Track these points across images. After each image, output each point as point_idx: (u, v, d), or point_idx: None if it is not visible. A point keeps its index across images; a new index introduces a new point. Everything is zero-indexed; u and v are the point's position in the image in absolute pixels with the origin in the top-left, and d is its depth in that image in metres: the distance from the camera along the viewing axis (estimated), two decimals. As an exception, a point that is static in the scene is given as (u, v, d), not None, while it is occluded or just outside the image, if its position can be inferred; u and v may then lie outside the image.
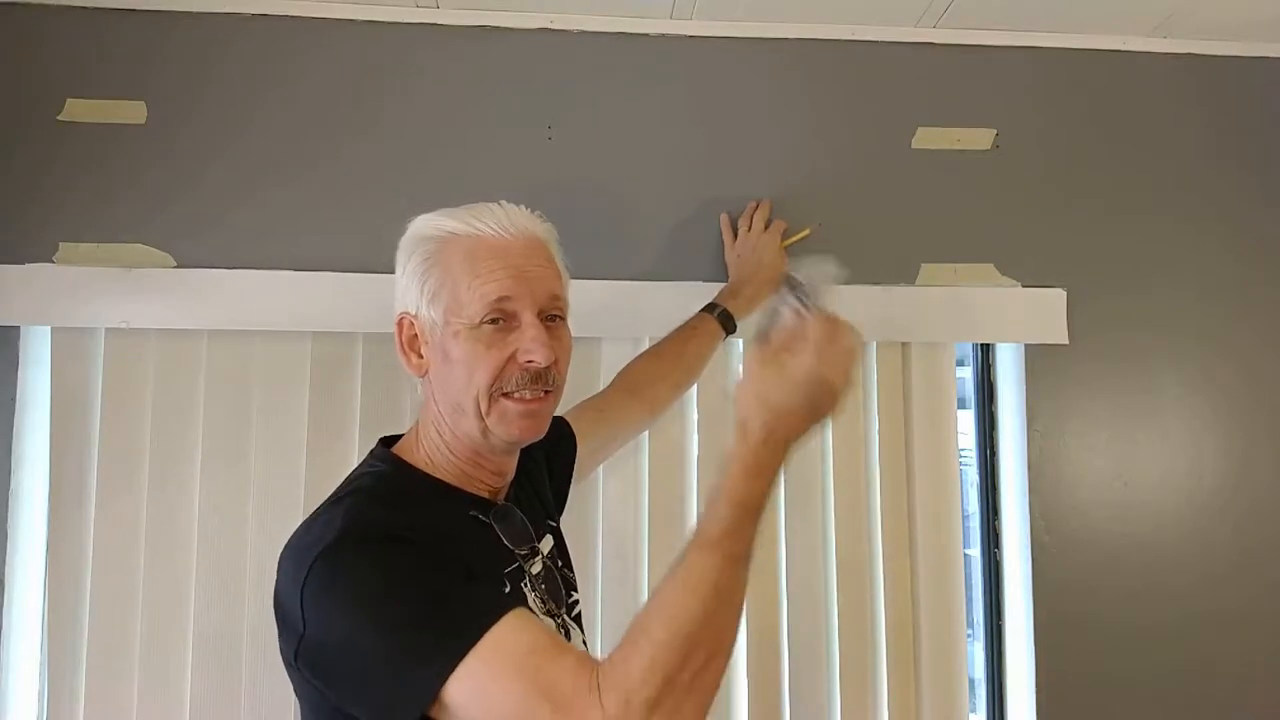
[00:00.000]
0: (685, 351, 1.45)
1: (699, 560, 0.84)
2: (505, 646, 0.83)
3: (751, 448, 0.86)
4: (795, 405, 0.85)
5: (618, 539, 1.56)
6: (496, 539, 1.04)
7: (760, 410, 0.86)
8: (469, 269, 0.99)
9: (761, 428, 0.85)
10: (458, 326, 0.98)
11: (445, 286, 0.99)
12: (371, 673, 0.85)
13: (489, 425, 1.00)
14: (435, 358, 1.01)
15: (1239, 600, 1.63)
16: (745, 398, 0.87)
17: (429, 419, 1.05)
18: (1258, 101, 1.72)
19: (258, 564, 1.46)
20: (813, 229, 1.61)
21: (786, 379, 0.85)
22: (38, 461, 1.49)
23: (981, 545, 1.72)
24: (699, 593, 0.82)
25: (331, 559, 0.88)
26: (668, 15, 1.60)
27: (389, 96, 1.57)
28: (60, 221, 1.50)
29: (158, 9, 1.53)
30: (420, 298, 1.00)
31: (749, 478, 0.86)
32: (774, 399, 0.85)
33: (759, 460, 0.86)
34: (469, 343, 0.98)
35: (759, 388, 0.86)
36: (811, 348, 0.85)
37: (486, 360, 0.98)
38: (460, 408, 1.00)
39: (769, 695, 1.55)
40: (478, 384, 0.98)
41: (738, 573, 0.85)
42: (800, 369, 0.85)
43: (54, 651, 1.44)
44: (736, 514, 0.85)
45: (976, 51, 1.67)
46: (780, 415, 0.85)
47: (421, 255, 1.01)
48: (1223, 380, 1.67)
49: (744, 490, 0.86)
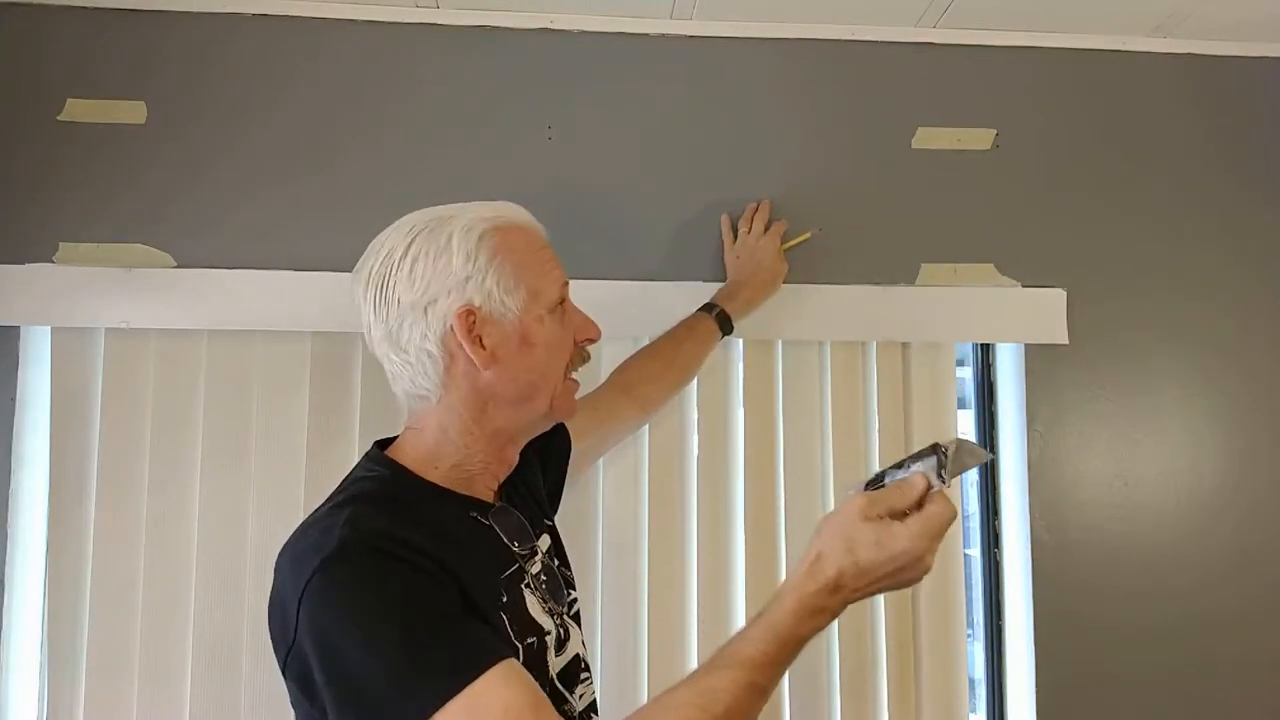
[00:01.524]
0: (681, 351, 1.45)
1: (720, 678, 0.83)
2: (488, 699, 0.81)
3: (816, 588, 0.84)
4: (878, 571, 0.84)
5: (617, 539, 1.56)
6: (496, 540, 1.04)
7: (842, 558, 0.84)
8: (535, 257, 1.03)
9: (836, 574, 0.84)
10: (539, 312, 1.02)
11: (523, 273, 1.01)
12: (357, 698, 0.84)
13: (554, 404, 1.04)
14: (508, 346, 1.00)
15: (1239, 600, 1.63)
16: (832, 539, 0.85)
17: (450, 418, 1.02)
18: (1258, 101, 1.72)
19: (258, 564, 1.46)
20: (814, 233, 1.61)
21: (882, 544, 0.84)
22: (38, 461, 1.49)
23: (981, 545, 1.72)
24: (710, 711, 0.82)
25: (330, 572, 0.87)
26: (668, 15, 1.60)
27: (389, 96, 1.57)
28: (60, 221, 1.50)
29: (158, 9, 1.53)
30: (495, 287, 0.99)
31: (800, 616, 0.85)
32: (862, 556, 0.84)
33: (818, 602, 0.85)
34: (553, 326, 1.03)
35: (851, 537, 0.85)
36: (922, 525, 0.84)
37: (565, 341, 1.05)
38: (536, 390, 1.03)
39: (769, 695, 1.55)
40: (560, 364, 1.04)
41: (755, 702, 0.84)
42: (901, 540, 0.84)
43: (54, 651, 1.44)
44: (773, 647, 0.84)
45: (976, 51, 1.67)
46: (860, 574, 0.84)
47: (490, 245, 0.99)
48: (1223, 380, 1.67)
49: (790, 627, 0.85)
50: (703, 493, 1.58)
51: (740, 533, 1.58)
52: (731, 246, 1.57)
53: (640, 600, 1.55)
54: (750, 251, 1.54)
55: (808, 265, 1.60)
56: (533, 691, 0.86)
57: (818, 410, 1.61)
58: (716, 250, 1.60)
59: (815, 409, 1.61)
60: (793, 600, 0.85)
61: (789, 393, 1.61)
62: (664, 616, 1.54)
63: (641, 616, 1.55)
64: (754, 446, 1.59)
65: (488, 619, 0.93)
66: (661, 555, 1.56)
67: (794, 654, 0.85)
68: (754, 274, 1.52)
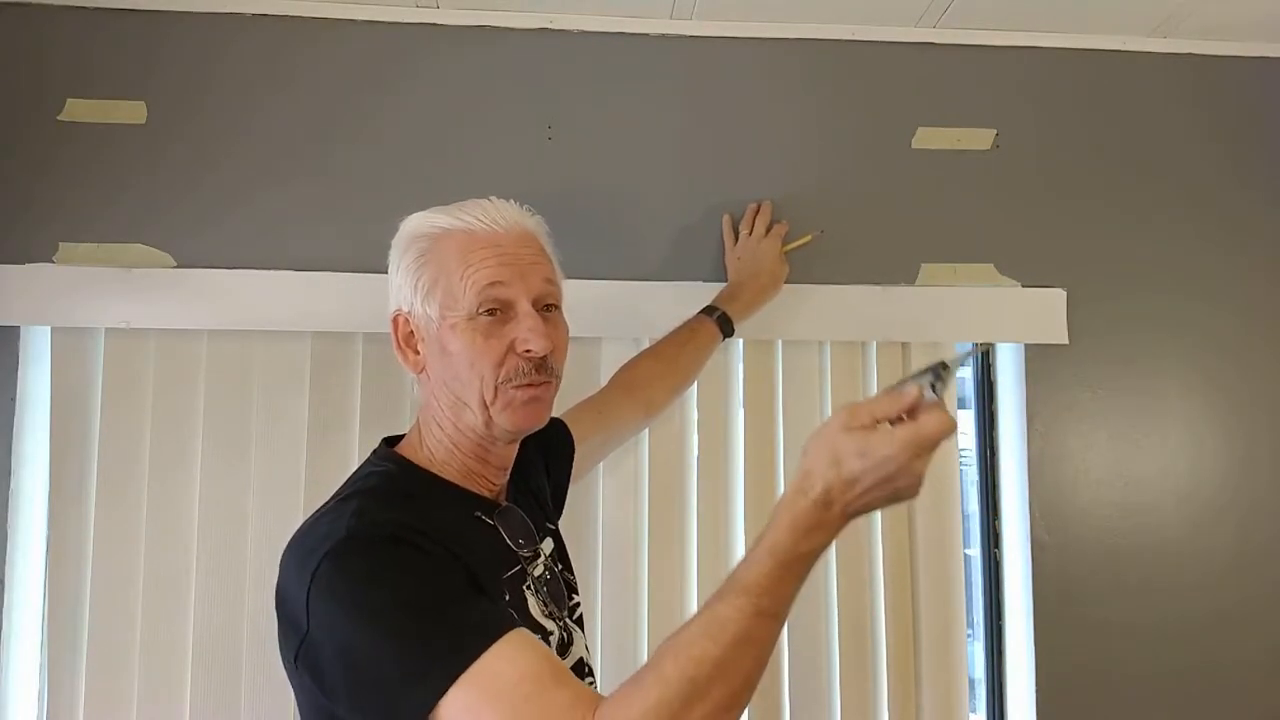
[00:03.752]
0: (683, 353, 1.45)
1: (726, 606, 0.81)
2: (501, 670, 0.82)
3: (806, 505, 0.81)
4: (867, 480, 0.79)
5: (618, 539, 1.56)
6: (500, 540, 1.04)
7: (828, 470, 0.80)
8: (461, 260, 0.99)
9: (824, 489, 0.80)
10: (454, 319, 0.99)
11: (440, 280, 1.00)
12: (370, 681, 0.84)
13: (493, 416, 1.00)
14: (433, 353, 1.02)
15: (1239, 600, 1.63)
16: (817, 452, 0.82)
17: (430, 417, 1.05)
18: (1258, 101, 1.71)
19: (258, 564, 1.46)
20: (814, 235, 1.61)
21: (866, 452, 0.79)
22: (38, 461, 1.49)
23: (981, 545, 1.72)
24: (719, 640, 0.79)
25: (338, 561, 0.87)
26: (668, 15, 1.60)
27: (389, 96, 1.57)
28: (60, 221, 1.50)
29: (158, 9, 1.53)
30: (414, 294, 1.01)
31: (796, 534, 0.81)
32: (846, 466, 0.79)
33: (811, 519, 0.81)
34: (466, 334, 0.98)
35: (835, 449, 0.80)
36: (910, 432, 0.78)
37: (485, 351, 0.98)
38: (463, 401, 1.00)
39: (769, 695, 1.55)
40: (480, 375, 0.98)
41: (766, 628, 0.81)
42: (884, 446, 0.78)
43: (54, 651, 1.44)
44: (774, 568, 0.81)
45: (976, 51, 1.67)
46: (847, 485, 0.80)
47: (415, 252, 1.02)
48: (1223, 380, 1.67)
49: (788, 545, 0.81)
50: (703, 493, 1.58)
51: (740, 533, 1.58)
52: (733, 248, 1.57)
53: (640, 601, 1.55)
54: (751, 253, 1.54)
55: (808, 265, 1.60)
56: (548, 659, 0.86)
57: (818, 410, 1.61)
58: (717, 251, 1.60)
59: (815, 409, 1.61)
60: (786, 519, 0.82)
61: (789, 393, 1.61)
62: (664, 617, 1.54)
63: (641, 617, 1.55)
64: (754, 446, 1.59)
65: (494, 603, 0.94)
66: (661, 555, 1.56)
67: (801, 574, 0.82)
68: (754, 276, 1.52)
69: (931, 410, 0.80)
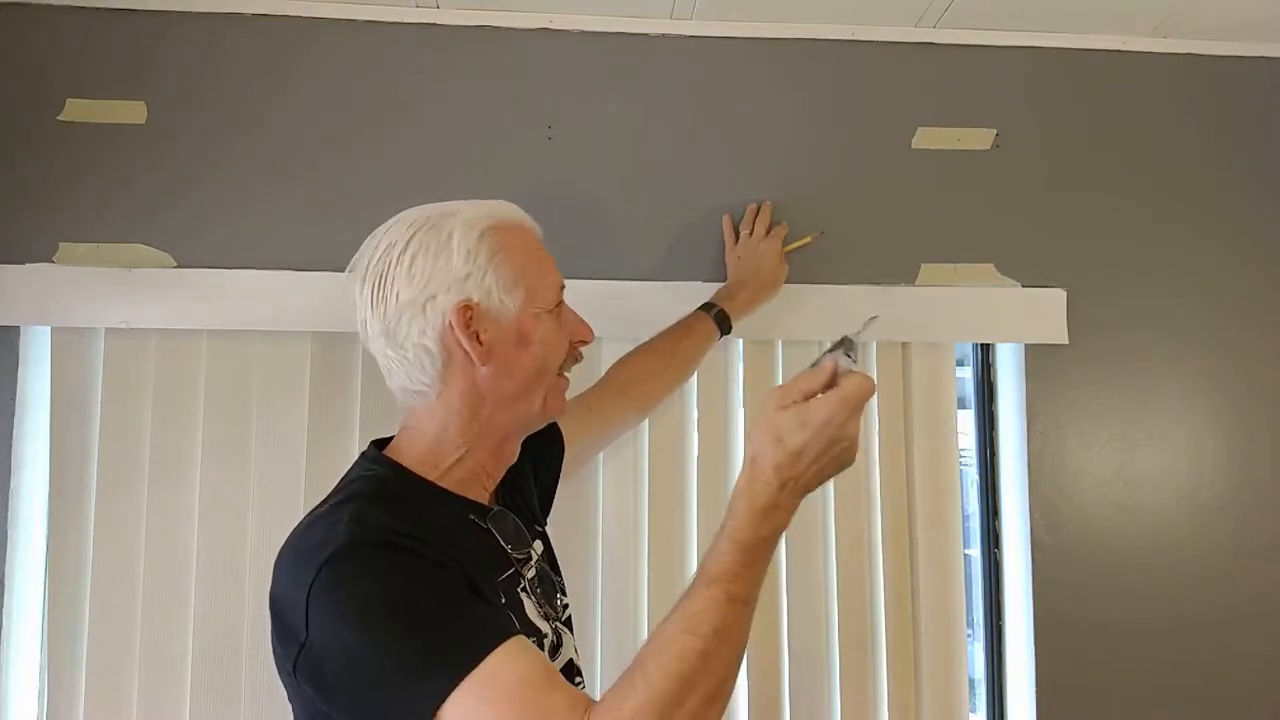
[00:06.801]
0: (679, 348, 1.45)
1: (699, 599, 0.84)
2: (501, 674, 0.82)
3: (760, 488, 0.85)
4: (811, 451, 0.84)
5: (617, 539, 1.56)
6: (494, 543, 1.04)
7: (774, 449, 0.85)
8: (535, 257, 1.05)
9: (774, 468, 0.84)
10: (537, 310, 1.03)
11: (523, 273, 1.02)
12: (370, 688, 0.84)
13: (547, 401, 1.05)
14: (505, 342, 1.01)
15: (1239, 600, 1.63)
16: (759, 437, 0.86)
17: (448, 415, 1.02)
18: (1258, 101, 1.72)
19: (258, 564, 1.46)
20: (814, 236, 1.61)
21: (805, 422, 0.84)
22: (38, 461, 1.49)
23: (981, 545, 1.72)
24: (698, 633, 0.82)
25: (337, 567, 0.87)
26: (668, 15, 1.60)
27: (389, 96, 1.57)
28: (60, 221, 1.50)
29: (158, 9, 1.53)
30: (494, 285, 0.99)
31: (754, 518, 0.85)
32: (789, 441, 0.84)
33: (767, 500, 0.85)
34: (550, 325, 1.04)
35: (775, 428, 0.85)
36: (840, 400, 0.84)
37: (560, 340, 1.06)
38: (531, 387, 1.03)
39: (769, 695, 1.55)
40: (554, 363, 1.05)
41: (739, 614, 0.84)
42: (820, 411, 0.84)
43: (54, 651, 1.44)
44: (739, 554, 0.85)
45: (976, 51, 1.67)
46: (795, 458, 0.84)
47: (490, 243, 1.00)
48: (1223, 380, 1.67)
49: (749, 530, 0.85)
50: (702, 492, 1.58)
51: (740, 533, 1.58)
52: (733, 247, 1.57)
53: (640, 600, 1.55)
54: (751, 253, 1.54)
55: (808, 265, 1.60)
56: (543, 664, 0.87)
57: (818, 410, 1.61)
58: (715, 251, 1.60)
59: (815, 409, 1.61)
60: (743, 505, 0.85)
61: (789, 393, 1.61)
62: (663, 616, 1.54)
63: (641, 617, 1.55)
64: (754, 446, 1.59)
65: (491, 606, 0.94)
66: (661, 555, 1.56)
67: (765, 557, 0.87)
68: (754, 275, 1.52)
69: (850, 375, 0.85)
